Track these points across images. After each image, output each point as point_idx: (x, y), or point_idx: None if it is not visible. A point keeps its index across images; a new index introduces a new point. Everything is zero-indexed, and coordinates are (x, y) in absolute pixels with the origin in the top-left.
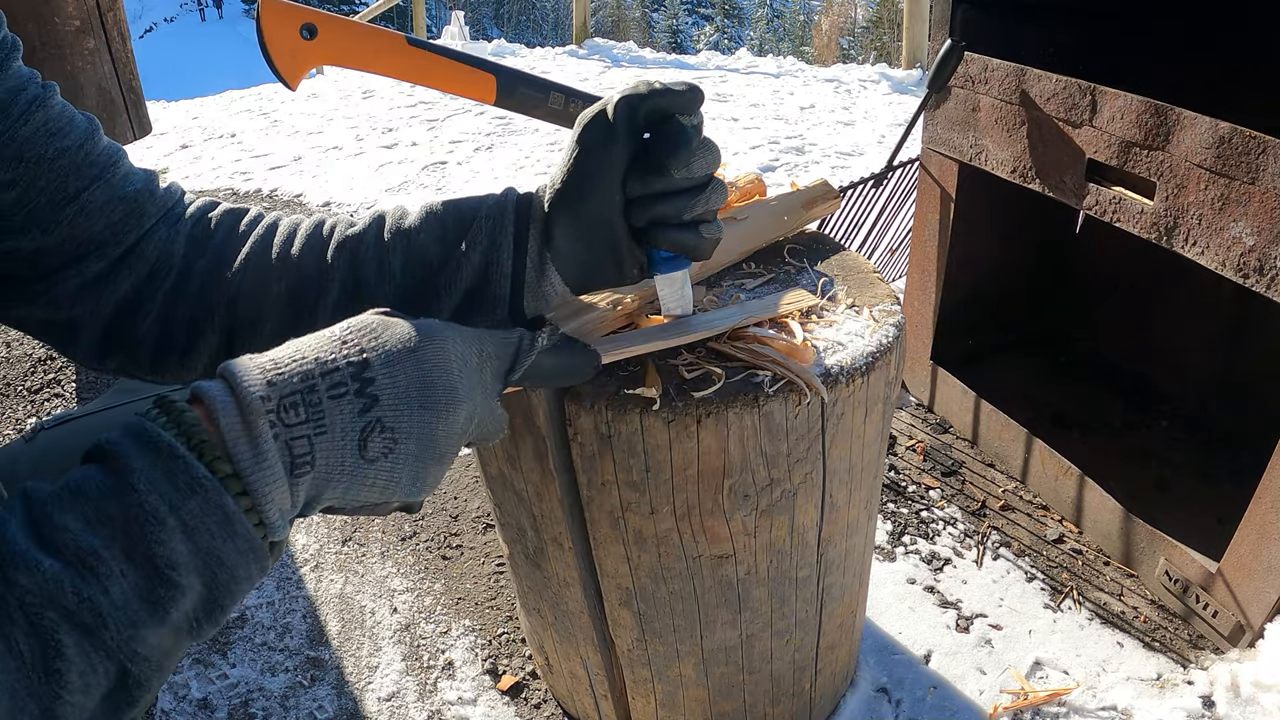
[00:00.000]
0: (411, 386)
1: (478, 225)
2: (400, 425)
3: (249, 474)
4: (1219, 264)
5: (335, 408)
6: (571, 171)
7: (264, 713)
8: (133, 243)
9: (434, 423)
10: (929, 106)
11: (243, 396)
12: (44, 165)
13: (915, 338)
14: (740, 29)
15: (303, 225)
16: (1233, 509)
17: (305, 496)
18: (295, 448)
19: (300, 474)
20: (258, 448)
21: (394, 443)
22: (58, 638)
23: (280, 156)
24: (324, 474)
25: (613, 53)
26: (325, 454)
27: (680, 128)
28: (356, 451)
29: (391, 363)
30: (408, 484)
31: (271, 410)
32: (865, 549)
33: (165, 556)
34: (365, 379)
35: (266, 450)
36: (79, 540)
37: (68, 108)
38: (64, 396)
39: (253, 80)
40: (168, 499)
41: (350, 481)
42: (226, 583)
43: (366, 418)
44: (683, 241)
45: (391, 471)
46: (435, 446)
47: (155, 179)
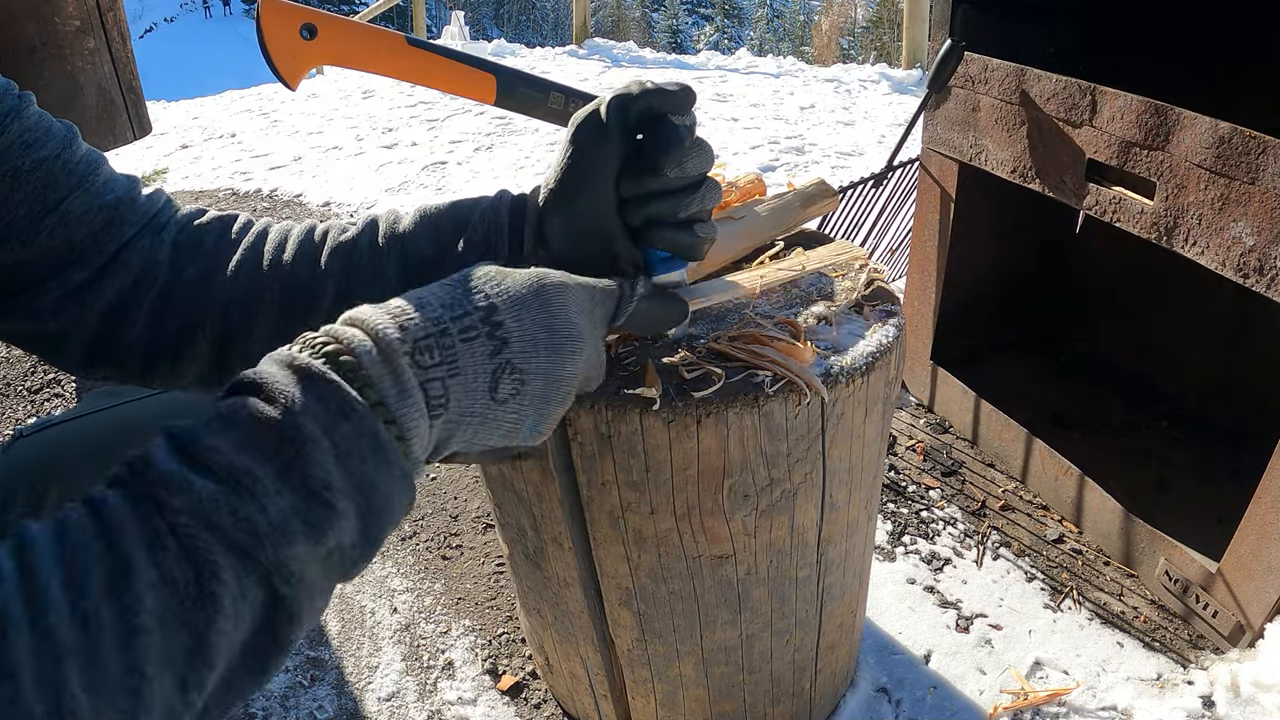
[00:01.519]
0: (539, 328)
1: (473, 228)
2: (529, 366)
3: (396, 408)
4: (1219, 264)
5: (468, 350)
6: (565, 171)
7: (264, 713)
8: (115, 251)
9: (560, 363)
10: (929, 106)
11: (380, 338)
12: (21, 178)
13: (915, 338)
14: (740, 29)
15: (294, 231)
16: (1233, 509)
17: (436, 439)
18: (430, 390)
19: (436, 415)
20: (401, 382)
21: (522, 384)
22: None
23: (280, 156)
24: (456, 416)
25: (613, 53)
26: (459, 396)
27: (673, 127)
28: (488, 393)
29: (518, 305)
30: (531, 425)
31: (408, 353)
32: (865, 549)
33: (320, 477)
34: (495, 322)
35: (409, 385)
36: (233, 460)
37: (45, 117)
38: (64, 396)
39: (253, 80)
40: (320, 422)
41: (480, 424)
42: (380, 510)
43: (498, 359)
44: (677, 241)
45: (519, 412)
46: (560, 387)
47: (137, 185)
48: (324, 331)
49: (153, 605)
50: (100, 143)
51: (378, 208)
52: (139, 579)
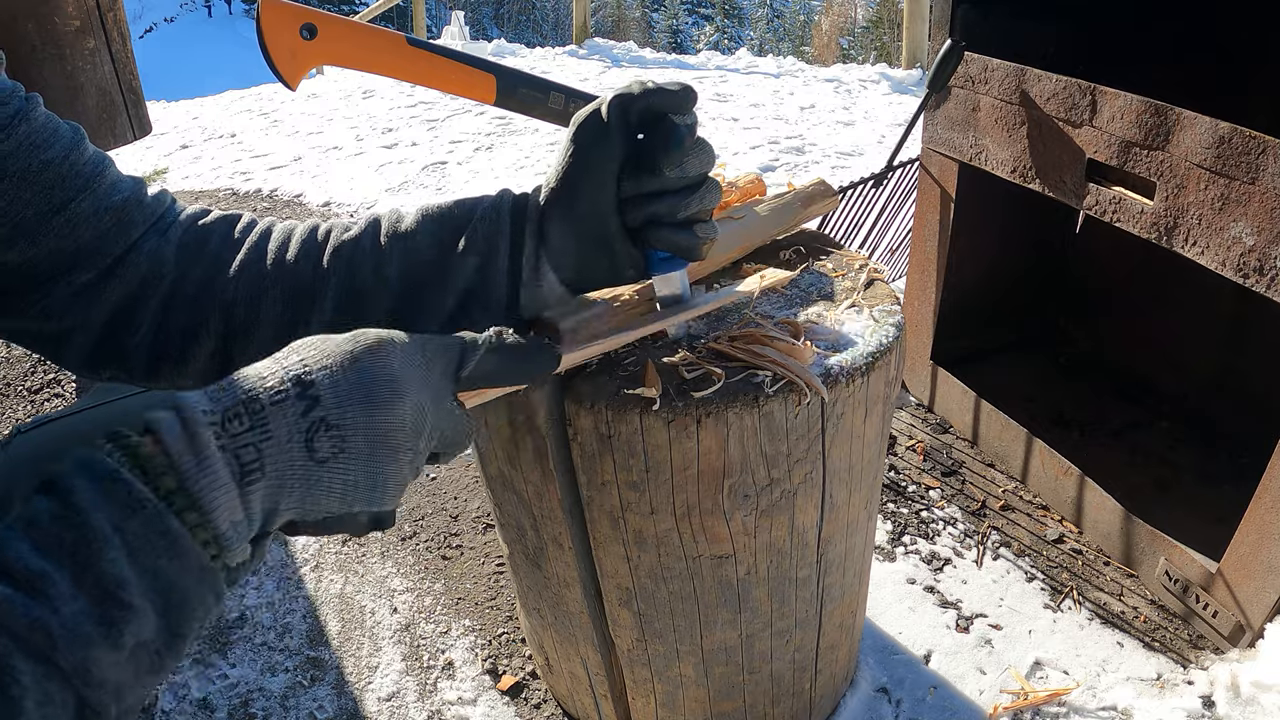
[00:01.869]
0: (353, 384)
1: (473, 227)
2: (345, 420)
3: (193, 482)
4: (1219, 264)
5: (278, 412)
6: (566, 171)
7: (264, 713)
8: (121, 252)
9: (380, 415)
10: (929, 106)
11: (186, 413)
12: (29, 179)
13: (915, 338)
14: (740, 29)
15: (297, 231)
16: (1233, 509)
17: (262, 508)
18: (243, 455)
19: (251, 481)
20: (200, 454)
21: (342, 439)
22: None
23: (280, 156)
24: (276, 480)
25: (613, 53)
26: (274, 458)
27: (673, 127)
28: (305, 452)
29: (330, 366)
30: (366, 486)
31: (215, 423)
32: (865, 549)
33: (113, 575)
34: (305, 382)
35: (210, 456)
36: (28, 563)
37: (52, 118)
38: (64, 396)
39: (253, 80)
40: (110, 518)
41: (306, 487)
42: (179, 605)
43: (310, 417)
44: (677, 241)
45: (346, 472)
46: (386, 442)
47: (143, 186)
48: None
49: None
50: (100, 143)
51: (378, 208)
52: None
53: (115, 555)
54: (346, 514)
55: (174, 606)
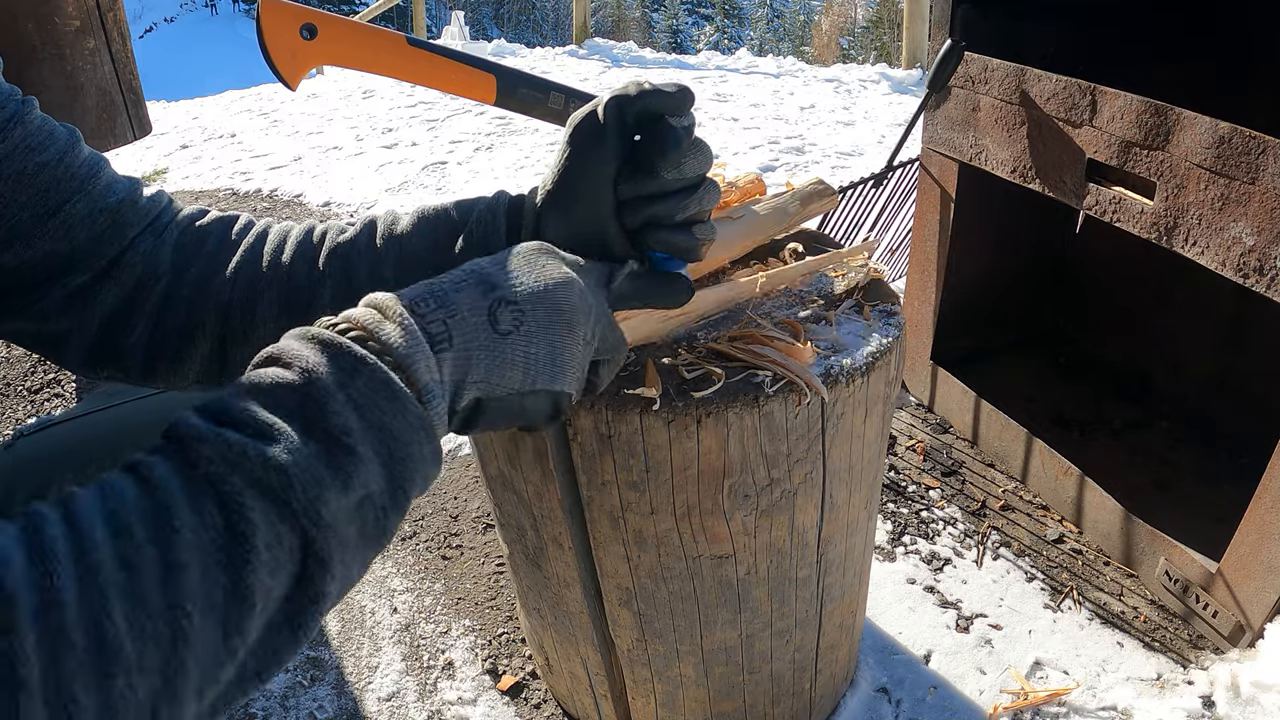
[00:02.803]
0: (523, 268)
1: (470, 229)
2: (523, 296)
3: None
4: (1219, 264)
5: (459, 295)
6: (562, 173)
7: (264, 713)
8: (116, 254)
9: (553, 291)
10: (929, 106)
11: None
12: (24, 181)
13: (915, 338)
14: (740, 29)
15: (293, 232)
16: (1233, 509)
17: (450, 378)
18: (431, 329)
19: (440, 350)
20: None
21: (521, 313)
22: (242, 502)
23: (280, 156)
24: (463, 350)
25: (613, 53)
26: (460, 330)
27: (670, 129)
28: (488, 325)
29: (501, 261)
30: (547, 361)
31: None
32: (865, 549)
33: (340, 425)
34: (482, 274)
35: (409, 327)
36: (258, 415)
37: (47, 121)
38: (64, 396)
39: (253, 80)
40: (335, 378)
41: (491, 358)
42: (402, 459)
43: (491, 296)
44: (675, 243)
45: (527, 344)
46: (561, 314)
47: (139, 188)
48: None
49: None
50: (100, 143)
51: (378, 208)
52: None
53: (340, 409)
54: (529, 393)
55: (398, 459)
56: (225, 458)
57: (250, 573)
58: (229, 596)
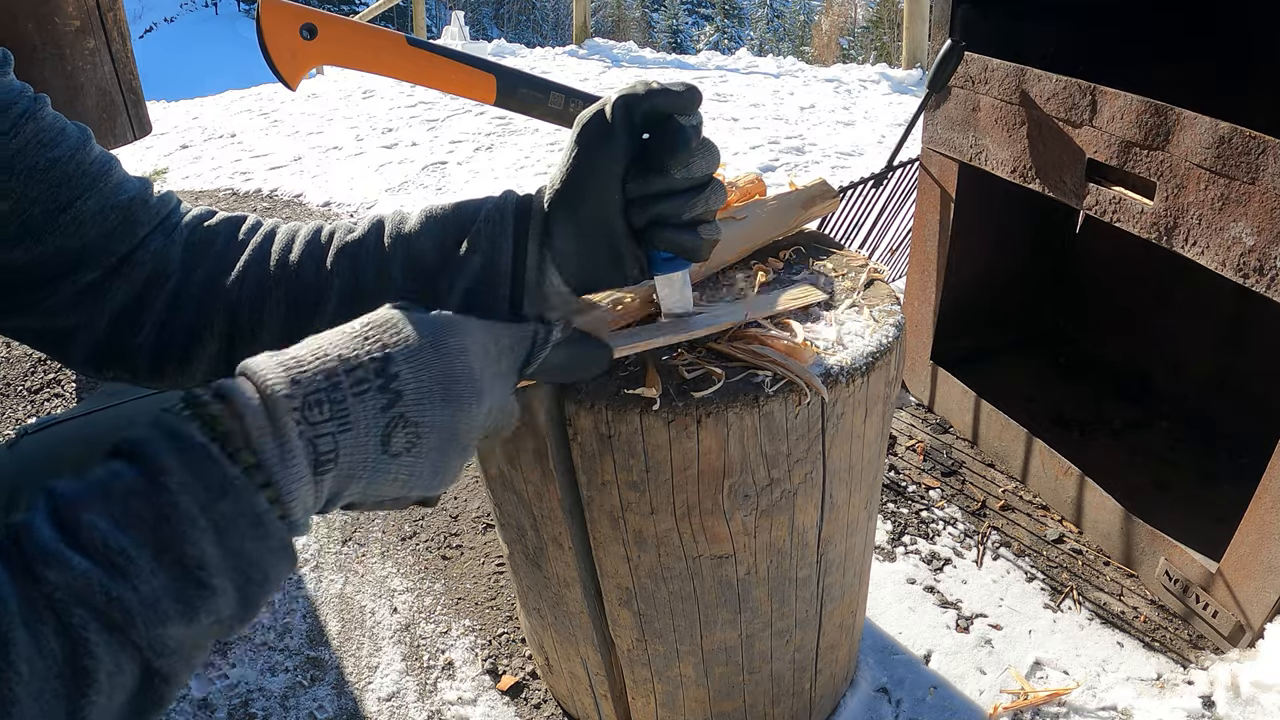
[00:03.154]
0: (434, 381)
1: (477, 228)
2: (424, 419)
3: (275, 472)
4: (1219, 264)
5: (359, 405)
6: (570, 172)
7: (264, 713)
8: (127, 251)
9: (457, 416)
10: (929, 106)
11: (268, 395)
12: (36, 176)
13: (915, 338)
14: (740, 29)
15: (301, 232)
16: (1233, 509)
17: (328, 494)
18: (320, 445)
19: (324, 471)
20: (284, 445)
21: (417, 437)
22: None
23: (280, 156)
24: (347, 471)
25: (613, 53)
26: (349, 451)
27: (679, 128)
28: (380, 447)
29: (414, 357)
30: (428, 477)
31: (296, 409)
32: (865, 549)
33: (195, 557)
34: (389, 374)
35: (293, 448)
36: (108, 539)
37: (59, 118)
38: (64, 396)
39: (253, 80)
40: (199, 500)
41: (372, 477)
42: (259, 582)
43: (390, 413)
44: (681, 242)
45: (414, 465)
46: (458, 439)
47: (149, 187)
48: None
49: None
50: (100, 143)
51: (378, 208)
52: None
53: (199, 538)
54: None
55: (254, 583)
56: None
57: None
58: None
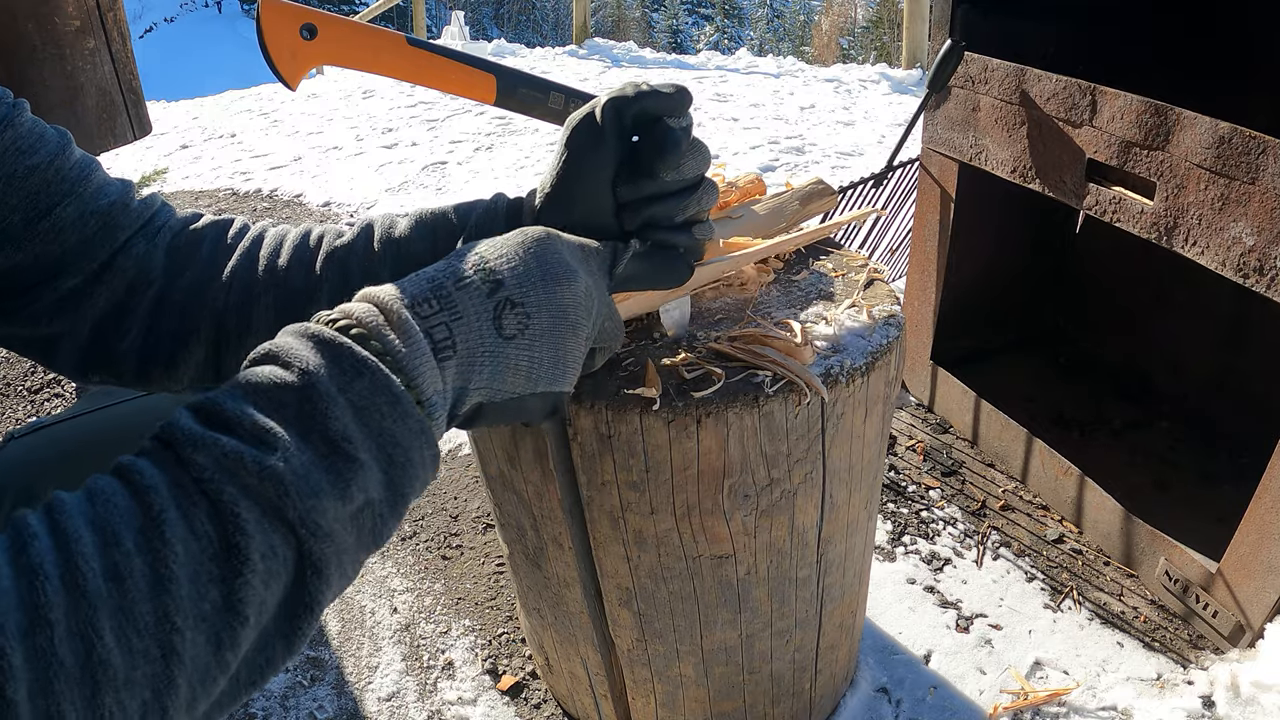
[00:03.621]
0: (531, 265)
1: (468, 232)
2: (529, 298)
3: (401, 355)
4: (1219, 264)
5: (464, 295)
6: (560, 176)
7: (264, 713)
8: (108, 257)
9: (559, 292)
10: (929, 106)
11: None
12: (14, 184)
13: (915, 338)
14: (740, 29)
15: (289, 236)
16: (1233, 509)
17: (454, 385)
18: (435, 334)
19: (444, 358)
20: (405, 331)
21: (527, 316)
22: (237, 512)
23: (280, 156)
24: (466, 357)
25: (613, 53)
26: (464, 336)
27: (669, 130)
28: (493, 329)
29: (506, 251)
30: (549, 363)
31: (407, 305)
32: (865, 549)
33: (339, 431)
34: (487, 268)
35: (412, 332)
36: (255, 419)
37: (38, 124)
38: (64, 396)
39: (253, 80)
40: (336, 381)
41: (494, 363)
42: (402, 464)
43: (496, 297)
44: (676, 243)
45: (531, 348)
46: (566, 317)
47: (131, 190)
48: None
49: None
50: (100, 143)
51: (378, 208)
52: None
53: (341, 413)
54: (530, 395)
55: (398, 465)
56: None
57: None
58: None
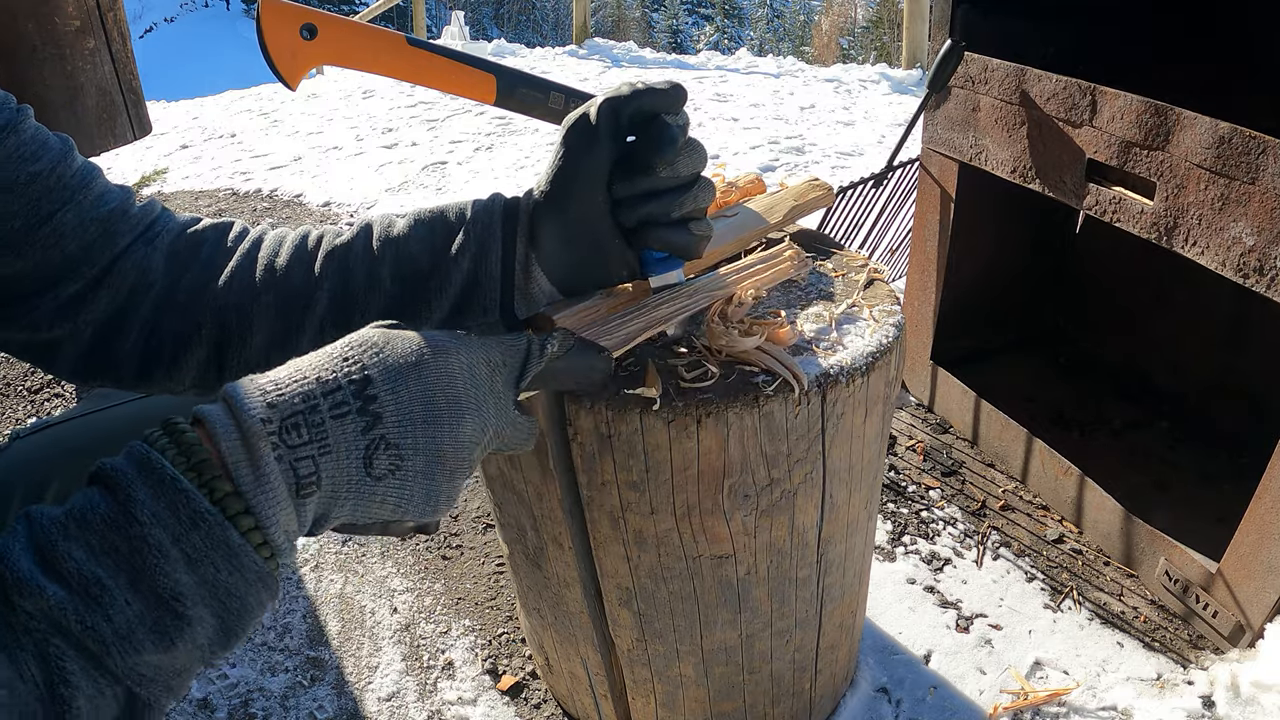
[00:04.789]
0: (415, 402)
1: (466, 231)
2: (405, 441)
3: (251, 497)
4: (1219, 264)
5: (338, 427)
6: (556, 175)
7: (264, 713)
8: (108, 262)
9: (440, 437)
10: (929, 106)
11: (243, 419)
12: (16, 191)
13: (915, 338)
14: (740, 29)
15: (289, 237)
16: (1233, 509)
17: (314, 515)
18: (300, 468)
19: (306, 494)
20: (259, 470)
21: (400, 459)
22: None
23: (280, 156)
24: (330, 493)
25: (613, 53)
26: (331, 473)
27: (665, 127)
28: (362, 469)
29: (393, 379)
30: (420, 501)
31: (274, 432)
32: (865, 549)
33: (169, 588)
34: (368, 396)
35: (268, 473)
36: (83, 568)
37: (40, 130)
38: (64, 397)
39: (253, 80)
40: (171, 531)
41: (359, 499)
42: (237, 611)
43: (370, 435)
44: (673, 240)
45: (401, 489)
46: (444, 462)
47: (130, 196)
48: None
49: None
50: (100, 143)
51: (378, 208)
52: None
53: (172, 569)
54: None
55: (231, 612)
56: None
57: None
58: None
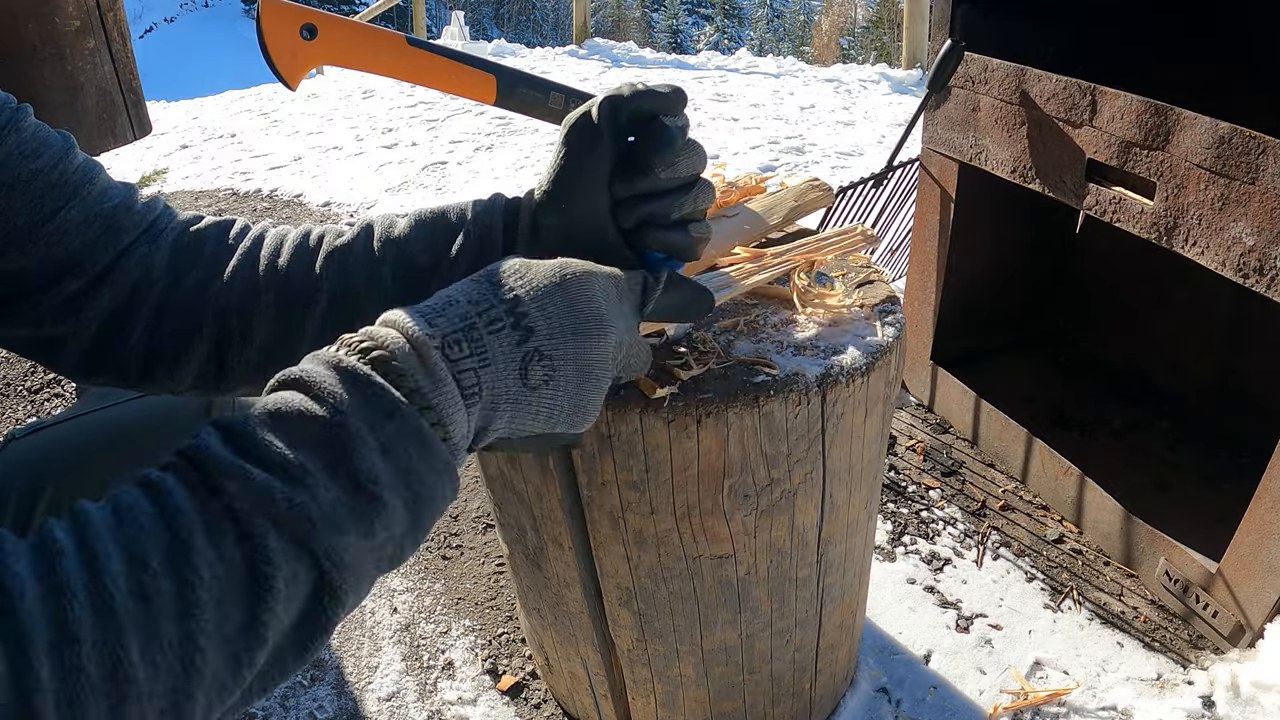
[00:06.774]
0: (563, 316)
1: (467, 231)
2: (557, 352)
3: (431, 397)
4: (1219, 264)
5: (495, 341)
6: (557, 174)
7: (264, 713)
8: (112, 259)
9: (588, 348)
10: (929, 106)
11: (412, 334)
12: (18, 188)
13: (915, 338)
14: (740, 29)
15: (290, 236)
16: (1233, 509)
17: (475, 426)
18: (463, 380)
19: (470, 404)
20: (435, 375)
21: (554, 369)
22: (266, 543)
23: (280, 156)
24: (490, 403)
25: (613, 53)
26: (491, 383)
27: (664, 128)
28: (519, 379)
29: (541, 296)
30: (569, 411)
31: (437, 346)
32: (865, 549)
33: (367, 471)
34: (519, 313)
35: (443, 377)
36: (285, 453)
37: (42, 128)
38: (64, 396)
39: (253, 80)
40: (367, 420)
41: (516, 409)
42: (426, 500)
43: (525, 348)
44: (671, 241)
45: (554, 398)
46: (591, 371)
47: (134, 193)
48: (362, 333)
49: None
50: (100, 143)
51: (378, 208)
52: (197, 557)
53: (369, 454)
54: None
55: (422, 500)
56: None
57: (266, 611)
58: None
